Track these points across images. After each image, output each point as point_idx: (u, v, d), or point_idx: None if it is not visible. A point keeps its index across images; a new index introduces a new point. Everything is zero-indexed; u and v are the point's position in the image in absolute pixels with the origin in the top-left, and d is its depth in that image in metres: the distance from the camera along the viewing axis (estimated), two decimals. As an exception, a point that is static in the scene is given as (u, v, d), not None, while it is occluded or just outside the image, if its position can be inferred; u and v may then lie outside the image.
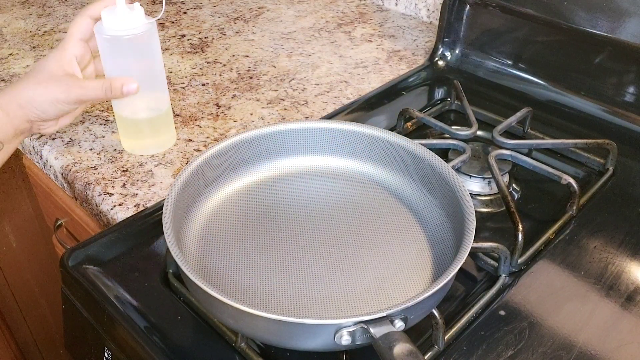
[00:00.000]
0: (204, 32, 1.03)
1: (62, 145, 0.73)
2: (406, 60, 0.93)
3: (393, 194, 0.59)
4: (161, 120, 0.70)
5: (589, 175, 0.67)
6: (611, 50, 0.72)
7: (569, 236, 0.58)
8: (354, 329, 0.40)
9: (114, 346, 0.51)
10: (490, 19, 0.83)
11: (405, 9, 1.09)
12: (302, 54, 0.95)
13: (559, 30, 0.76)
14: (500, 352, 0.47)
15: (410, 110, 0.73)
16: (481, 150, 0.67)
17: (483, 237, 0.59)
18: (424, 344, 0.48)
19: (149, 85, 0.67)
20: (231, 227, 0.55)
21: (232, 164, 0.58)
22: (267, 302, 0.47)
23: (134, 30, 0.62)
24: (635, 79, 0.71)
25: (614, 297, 0.51)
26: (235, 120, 0.78)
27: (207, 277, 0.50)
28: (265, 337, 0.44)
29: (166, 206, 0.49)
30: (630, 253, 0.56)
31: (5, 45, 0.98)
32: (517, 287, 0.53)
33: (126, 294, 0.53)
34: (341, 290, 0.49)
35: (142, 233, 0.59)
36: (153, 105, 0.69)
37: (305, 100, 0.83)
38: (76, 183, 0.68)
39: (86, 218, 0.76)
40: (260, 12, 1.11)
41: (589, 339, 0.48)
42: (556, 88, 0.79)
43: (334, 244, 0.53)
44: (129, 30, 0.62)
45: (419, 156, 0.56)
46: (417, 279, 0.50)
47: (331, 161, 0.61)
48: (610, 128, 0.73)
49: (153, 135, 0.71)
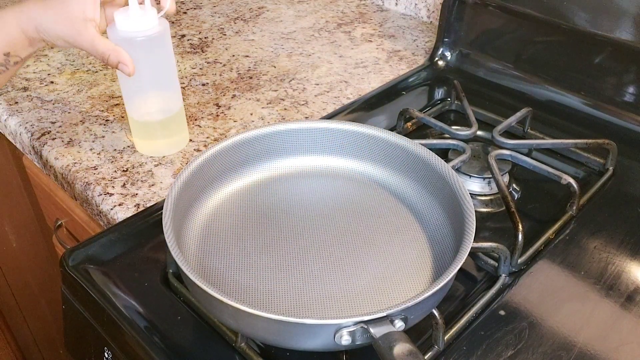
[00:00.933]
0: (204, 32, 1.03)
1: (62, 145, 0.73)
2: (406, 60, 0.93)
3: (393, 194, 0.59)
4: (174, 120, 0.71)
5: (589, 175, 0.67)
6: (611, 50, 0.72)
7: (569, 236, 0.58)
8: (354, 329, 0.40)
9: (114, 346, 0.51)
10: (490, 19, 0.83)
11: (405, 9, 1.09)
12: (302, 54, 0.95)
13: (559, 30, 0.76)
14: (500, 352, 0.47)
15: (410, 110, 0.73)
16: (481, 150, 0.67)
17: (483, 237, 0.59)
18: (424, 344, 0.48)
19: (162, 85, 0.68)
20: (231, 227, 0.55)
21: (232, 164, 0.58)
22: (267, 302, 0.47)
23: (147, 32, 0.62)
24: (635, 79, 0.71)
25: (614, 297, 0.51)
26: (235, 120, 0.78)
27: (207, 277, 0.50)
28: (265, 337, 0.44)
29: (166, 206, 0.49)
30: (630, 253, 0.56)
31: (5, 45, 0.98)
32: (517, 287, 0.53)
33: (126, 294, 0.53)
34: (341, 290, 0.49)
35: (142, 233, 0.59)
36: (165, 106, 0.69)
37: (305, 100, 0.83)
38: (76, 183, 0.68)
39: (86, 218, 0.76)
40: (260, 12, 1.11)
41: (589, 339, 0.48)
42: (556, 88, 0.79)
43: (334, 244, 0.53)
44: (142, 31, 0.62)
45: (419, 156, 0.56)
46: (417, 279, 0.50)
47: (331, 161, 0.61)
48: (610, 128, 0.73)
49: (166, 136, 0.71)
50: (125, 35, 0.62)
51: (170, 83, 0.68)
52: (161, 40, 0.64)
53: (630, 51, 0.71)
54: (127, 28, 0.62)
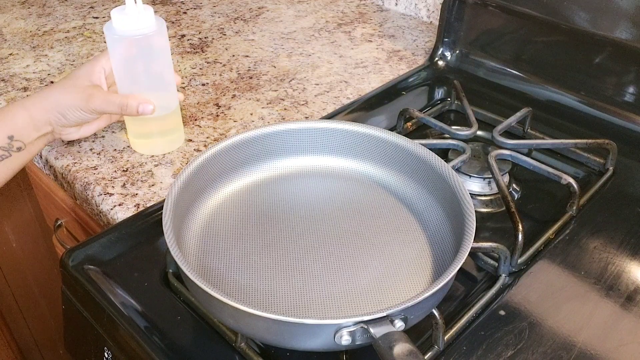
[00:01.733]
0: (204, 32, 1.03)
1: (62, 145, 0.73)
2: (406, 60, 0.93)
3: (393, 194, 0.59)
4: (170, 119, 0.71)
5: (589, 175, 0.67)
6: (611, 50, 0.72)
7: (569, 236, 0.58)
8: (354, 329, 0.40)
9: (114, 346, 0.51)
10: (490, 19, 0.83)
11: (405, 9, 1.09)
12: (302, 54, 0.95)
13: (559, 30, 0.76)
14: (500, 352, 0.47)
15: (410, 110, 0.73)
16: (481, 150, 0.67)
17: (483, 237, 0.59)
18: (424, 344, 0.48)
19: (158, 84, 0.68)
20: (231, 227, 0.55)
21: (232, 164, 0.58)
22: (267, 302, 0.47)
23: (144, 30, 0.62)
24: (635, 79, 0.71)
25: (614, 297, 0.51)
26: (235, 120, 0.78)
27: (207, 277, 0.50)
28: (265, 337, 0.44)
29: (166, 206, 0.49)
30: (630, 253, 0.56)
31: (5, 45, 0.98)
32: (517, 287, 0.53)
33: (126, 294, 0.53)
34: (341, 290, 0.49)
35: (142, 233, 0.59)
36: (162, 104, 0.69)
37: (305, 100, 0.83)
38: (76, 183, 0.68)
39: (86, 218, 0.76)
40: (260, 12, 1.11)
41: (589, 339, 0.48)
42: (556, 88, 0.79)
43: (334, 244, 0.53)
44: (139, 30, 0.62)
45: (419, 156, 0.56)
46: (417, 279, 0.50)
47: (331, 161, 0.61)
48: (610, 128, 0.73)
49: (162, 135, 0.71)
50: (122, 34, 0.62)
51: (166, 81, 0.68)
52: (158, 39, 0.64)
53: (630, 51, 0.71)
54: (124, 27, 0.62)
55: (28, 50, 0.96)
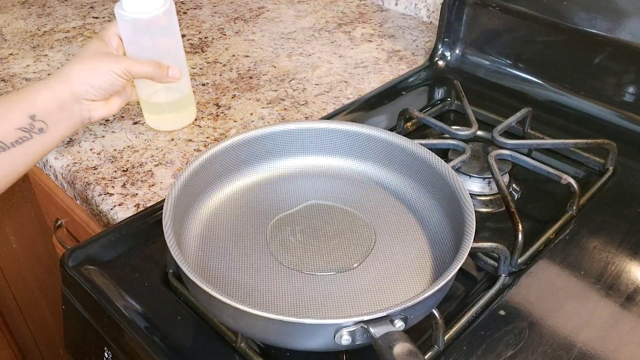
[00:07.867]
0: (204, 32, 1.03)
1: (62, 145, 0.73)
2: (406, 60, 0.93)
3: (393, 194, 0.59)
4: (182, 102, 0.73)
5: (589, 175, 0.67)
6: (611, 50, 0.72)
7: (569, 236, 0.58)
8: (354, 329, 0.40)
9: (114, 346, 0.51)
10: (490, 19, 0.83)
11: (405, 9, 1.09)
12: (302, 54, 0.95)
13: (559, 30, 0.76)
14: (500, 352, 0.47)
15: (410, 110, 0.73)
16: (481, 150, 0.67)
17: (483, 237, 0.59)
18: (424, 344, 0.48)
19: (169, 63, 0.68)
20: (231, 227, 0.55)
21: (232, 164, 0.58)
22: (267, 302, 0.47)
23: (154, 11, 0.63)
24: (635, 79, 0.71)
25: (614, 297, 0.51)
26: (235, 120, 0.78)
27: (207, 277, 0.50)
28: (265, 337, 0.44)
29: (166, 206, 0.49)
30: (630, 253, 0.56)
31: (5, 45, 0.98)
32: (517, 287, 0.53)
33: (126, 294, 0.53)
34: (341, 290, 0.49)
35: (142, 233, 0.59)
36: (174, 86, 0.69)
37: (305, 100, 0.83)
38: (76, 183, 0.68)
39: (86, 218, 0.76)
40: (260, 12, 1.11)
41: (589, 339, 0.48)
42: (556, 88, 0.79)
43: (334, 244, 0.53)
44: (149, 11, 0.62)
45: (419, 156, 0.56)
46: (417, 279, 0.50)
47: (331, 161, 0.61)
48: (610, 128, 0.73)
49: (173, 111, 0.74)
50: (132, 15, 0.62)
51: (178, 62, 0.69)
52: (167, 19, 0.64)
53: (630, 51, 0.71)
54: (134, 8, 0.62)
55: (28, 50, 0.96)
